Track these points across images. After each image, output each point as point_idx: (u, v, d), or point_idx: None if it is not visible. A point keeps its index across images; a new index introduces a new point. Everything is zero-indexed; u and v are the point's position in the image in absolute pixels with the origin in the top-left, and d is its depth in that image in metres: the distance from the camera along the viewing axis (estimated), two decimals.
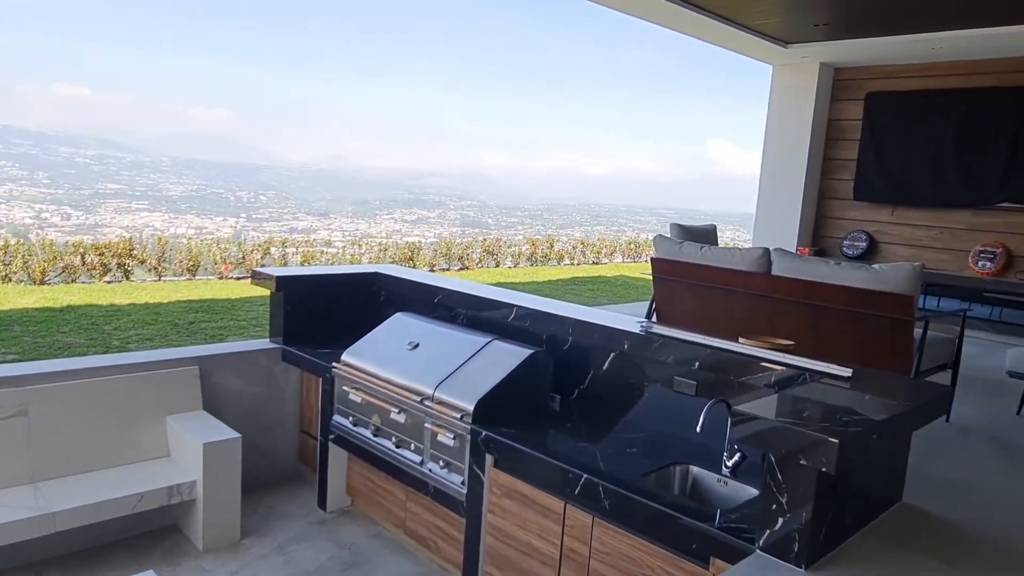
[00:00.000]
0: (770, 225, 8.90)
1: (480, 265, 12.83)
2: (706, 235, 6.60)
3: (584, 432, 3.21)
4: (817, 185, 8.81)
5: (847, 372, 2.74)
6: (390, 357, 3.78)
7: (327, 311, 4.48)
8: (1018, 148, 7.31)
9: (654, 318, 4.89)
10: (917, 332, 3.84)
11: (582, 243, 14.92)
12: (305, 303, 4.38)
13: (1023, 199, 7.31)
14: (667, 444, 3.09)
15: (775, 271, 4.13)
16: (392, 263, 11.64)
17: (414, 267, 11.71)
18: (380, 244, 11.90)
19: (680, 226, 6.45)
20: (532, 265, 13.82)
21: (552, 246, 14.32)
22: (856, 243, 8.45)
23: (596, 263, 14.80)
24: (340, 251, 11.14)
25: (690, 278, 4.49)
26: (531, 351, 3.54)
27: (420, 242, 12.59)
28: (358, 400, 3.78)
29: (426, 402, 3.42)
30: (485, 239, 13.62)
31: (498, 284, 10.84)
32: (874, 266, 3.76)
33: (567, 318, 3.60)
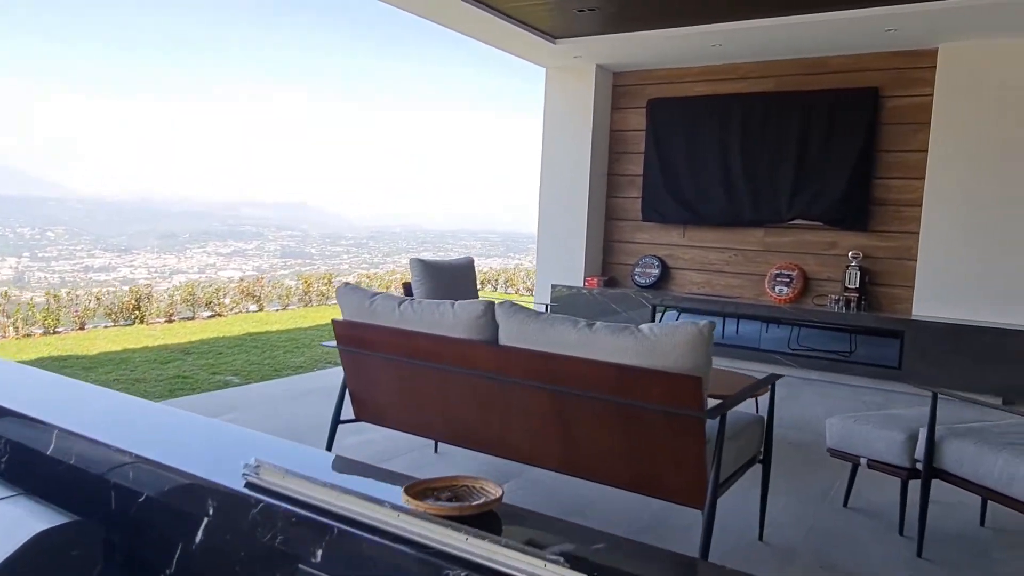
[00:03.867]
0: (554, 253, 7.69)
1: (235, 311, 10.69)
2: (459, 273, 5.13)
3: None
4: (603, 205, 7.73)
5: None
6: None
7: None
8: (806, 158, 6.58)
9: (350, 409, 3.27)
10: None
11: (367, 277, 13.15)
12: None
13: (814, 215, 6.58)
14: None
15: (503, 339, 2.66)
16: (108, 315, 9.22)
17: (142, 319, 9.35)
18: (93, 293, 9.42)
19: (423, 262, 4.92)
20: (306, 306, 11.86)
21: (330, 282, 12.45)
22: (648, 270, 7.43)
23: None
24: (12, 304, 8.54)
25: (387, 350, 2.92)
26: (45, 528, 1.80)
27: (155, 284, 10.26)
28: None
29: None
30: (243, 279, 11.47)
31: (247, 335, 8.83)
32: (642, 328, 2.38)
33: (127, 454, 1.91)
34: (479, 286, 16.39)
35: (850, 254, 6.43)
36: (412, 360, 2.84)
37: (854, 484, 3.41)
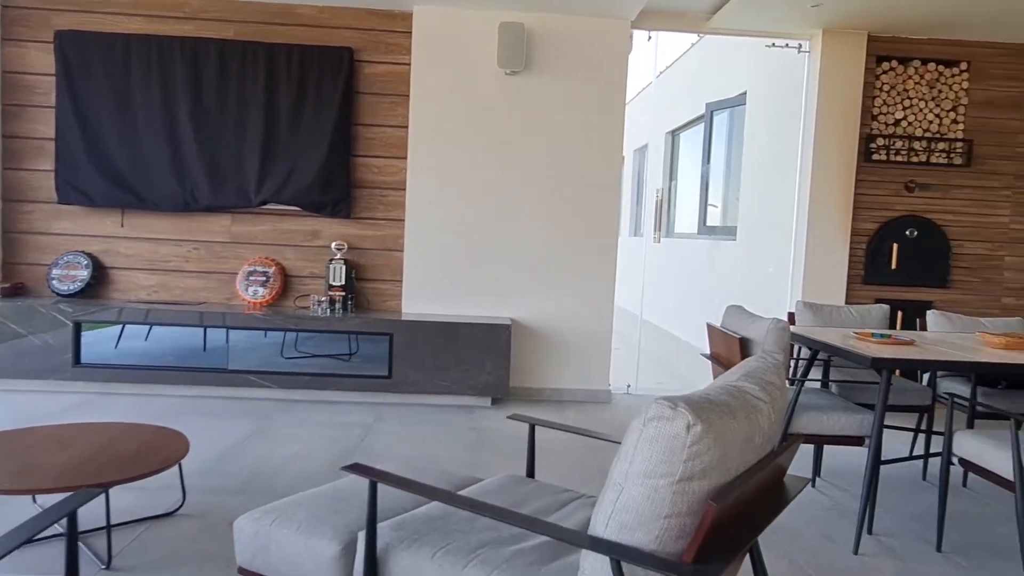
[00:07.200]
0: None
1: None
2: None
3: None
4: None
5: None
6: None
7: None
8: (276, 128, 5.32)
9: None
10: None
11: None
12: None
13: (289, 198, 5.38)
14: None
15: None
16: None
17: None
18: None
19: None
20: None
21: None
22: (73, 271, 5.35)
23: None
24: None
25: None
26: None
27: None
28: None
29: None
30: None
31: None
32: None
33: None
34: None
35: (333, 245, 5.40)
36: None
37: None
